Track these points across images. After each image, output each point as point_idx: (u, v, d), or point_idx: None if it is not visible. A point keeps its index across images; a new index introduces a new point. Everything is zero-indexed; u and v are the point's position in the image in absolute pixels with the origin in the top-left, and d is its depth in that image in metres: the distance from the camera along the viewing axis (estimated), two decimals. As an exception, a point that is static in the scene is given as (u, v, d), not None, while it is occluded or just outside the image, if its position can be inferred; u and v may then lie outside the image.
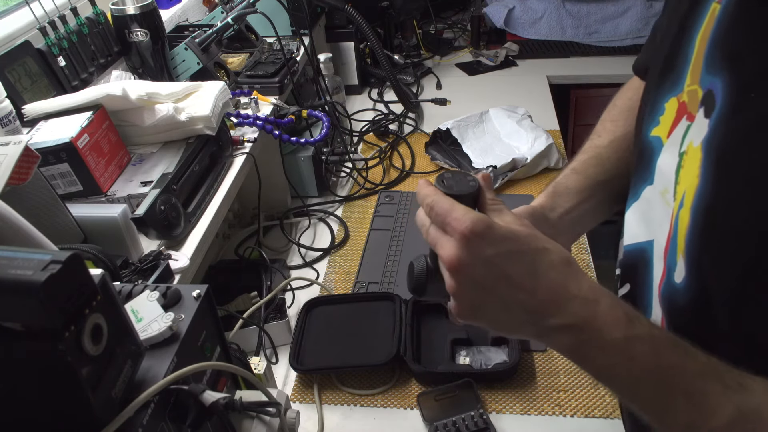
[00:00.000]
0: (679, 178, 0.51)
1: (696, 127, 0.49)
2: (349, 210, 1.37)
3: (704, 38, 0.50)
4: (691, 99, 0.51)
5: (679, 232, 0.49)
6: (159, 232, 0.82)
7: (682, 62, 0.53)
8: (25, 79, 0.98)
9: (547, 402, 0.89)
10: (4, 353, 0.34)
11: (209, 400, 0.44)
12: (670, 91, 0.55)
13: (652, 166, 0.56)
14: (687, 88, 0.52)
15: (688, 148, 0.50)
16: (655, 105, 0.57)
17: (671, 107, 0.54)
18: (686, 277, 0.48)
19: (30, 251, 0.33)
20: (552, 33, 2.03)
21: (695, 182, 0.47)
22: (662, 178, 0.54)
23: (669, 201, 0.52)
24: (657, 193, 0.55)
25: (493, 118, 1.55)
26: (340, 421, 0.90)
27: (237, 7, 1.32)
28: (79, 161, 0.82)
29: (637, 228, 0.59)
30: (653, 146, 0.56)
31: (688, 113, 0.51)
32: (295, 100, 1.39)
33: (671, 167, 0.52)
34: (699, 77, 0.50)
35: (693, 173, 0.48)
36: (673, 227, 0.51)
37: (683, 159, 0.51)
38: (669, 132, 0.54)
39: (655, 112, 0.56)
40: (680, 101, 0.53)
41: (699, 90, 0.50)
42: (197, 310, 0.48)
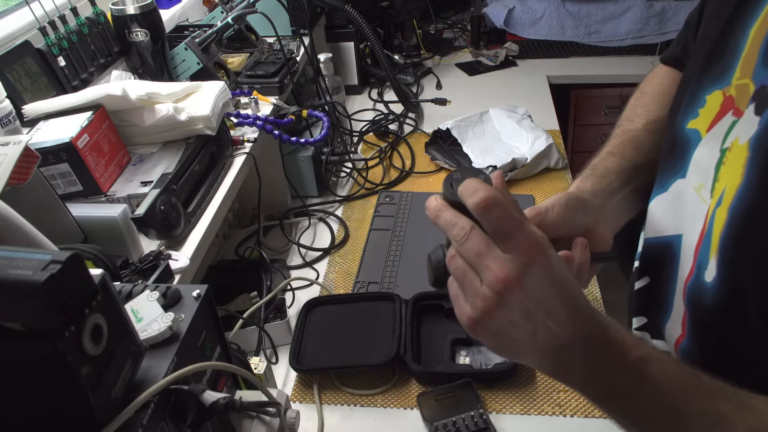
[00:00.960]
0: (719, 174, 0.49)
1: (744, 124, 0.47)
2: (349, 210, 1.37)
3: (761, 31, 0.48)
4: (740, 93, 0.49)
5: (714, 231, 0.48)
6: (159, 232, 0.82)
7: (732, 54, 0.51)
8: (25, 79, 0.98)
9: (547, 402, 0.89)
10: (4, 353, 0.34)
11: (209, 400, 0.44)
12: (715, 83, 0.52)
13: (686, 159, 0.54)
14: (736, 81, 0.50)
15: (733, 145, 0.48)
16: (696, 96, 0.54)
17: (714, 100, 0.52)
18: (717, 277, 0.47)
19: (30, 251, 0.33)
20: (552, 33, 2.03)
21: (738, 181, 0.46)
22: (698, 173, 0.52)
23: (705, 197, 0.50)
24: (690, 188, 0.53)
25: (493, 118, 1.55)
26: (340, 421, 0.90)
27: (237, 7, 1.32)
28: (79, 161, 0.82)
29: (662, 221, 0.57)
30: (689, 138, 0.54)
31: (736, 108, 0.49)
32: (295, 100, 1.39)
33: (710, 162, 0.50)
34: (752, 72, 0.48)
35: (736, 171, 0.46)
36: (707, 224, 0.49)
37: (725, 155, 0.49)
38: (710, 126, 0.52)
39: (695, 104, 0.54)
40: (726, 95, 0.51)
41: (751, 84, 0.48)
42: (197, 310, 0.48)
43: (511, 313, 0.41)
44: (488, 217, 0.41)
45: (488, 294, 0.41)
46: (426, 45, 2.01)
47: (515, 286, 0.40)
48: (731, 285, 0.46)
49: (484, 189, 0.41)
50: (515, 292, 0.40)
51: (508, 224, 0.41)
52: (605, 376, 0.43)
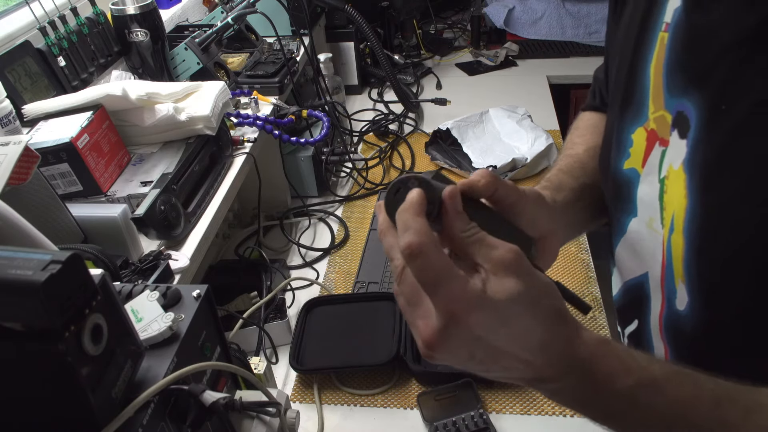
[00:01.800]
0: (664, 203, 0.51)
1: (673, 150, 0.49)
2: (349, 210, 1.37)
3: (658, 66, 0.52)
4: (659, 125, 0.52)
5: (675, 258, 0.48)
6: (159, 232, 0.82)
7: (641, 93, 0.54)
8: (25, 79, 0.98)
9: (547, 402, 0.89)
10: (4, 353, 0.34)
11: (209, 400, 0.44)
12: (635, 122, 0.55)
13: (632, 199, 0.56)
14: (652, 115, 0.53)
15: (669, 172, 0.50)
16: (622, 138, 0.57)
17: (639, 137, 0.55)
18: (690, 302, 0.47)
19: (30, 251, 0.33)
20: (552, 33, 2.03)
21: (683, 203, 0.47)
22: (646, 208, 0.54)
23: (657, 229, 0.52)
24: (643, 224, 0.54)
25: (493, 118, 1.55)
26: (340, 421, 0.90)
27: (237, 7, 1.32)
28: (79, 161, 0.82)
29: (630, 263, 0.58)
30: (629, 178, 0.56)
31: (660, 139, 0.52)
32: (295, 100, 1.39)
33: (653, 196, 0.52)
34: (663, 103, 0.51)
35: (679, 195, 0.47)
36: (666, 254, 0.50)
37: (665, 184, 0.51)
38: (643, 162, 0.54)
39: (624, 146, 0.57)
40: (648, 130, 0.53)
41: (667, 114, 0.51)
42: (197, 310, 0.48)
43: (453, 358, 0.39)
44: (411, 266, 0.37)
45: (421, 345, 0.39)
46: (426, 45, 2.01)
47: (439, 347, 0.38)
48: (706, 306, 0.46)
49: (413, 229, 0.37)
50: (443, 353, 0.38)
51: (431, 277, 0.37)
52: (594, 405, 0.42)
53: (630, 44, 0.56)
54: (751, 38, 0.42)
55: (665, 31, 0.51)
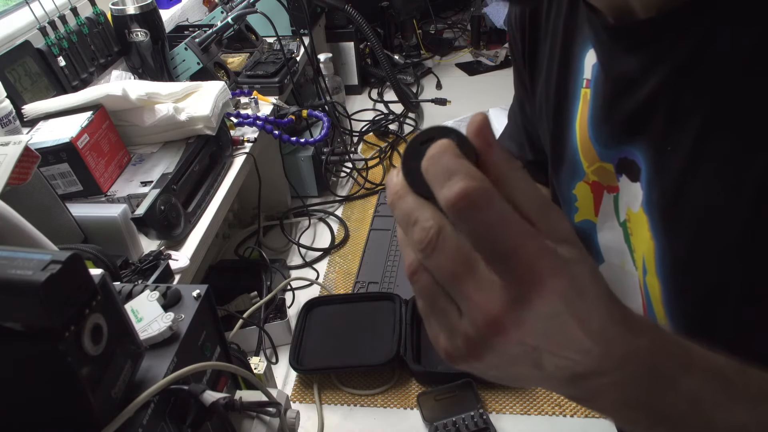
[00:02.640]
0: (633, 246, 0.50)
1: (626, 194, 0.49)
2: (349, 210, 1.37)
3: (583, 122, 0.52)
4: (601, 176, 0.52)
5: (653, 299, 0.48)
6: (159, 232, 0.82)
7: (570, 151, 0.54)
8: (25, 79, 0.98)
9: (547, 402, 0.89)
10: (4, 353, 0.34)
11: (209, 400, 0.44)
12: (573, 179, 0.55)
13: (594, 248, 0.55)
14: (589, 169, 0.53)
15: (629, 215, 0.49)
16: (564, 196, 0.57)
17: (582, 191, 0.55)
18: None
19: (30, 251, 0.33)
20: (552, 33, 2.03)
21: (651, 245, 0.46)
22: (614, 254, 0.53)
23: (631, 270, 0.51)
24: (616, 268, 0.54)
25: (493, 118, 1.55)
26: (340, 421, 0.90)
27: (237, 7, 1.32)
28: (79, 161, 0.82)
29: None
30: (585, 231, 0.56)
31: (607, 186, 0.52)
32: (295, 100, 1.39)
33: (618, 240, 0.52)
34: (597, 156, 0.51)
35: (645, 237, 0.47)
36: (644, 295, 0.50)
37: (627, 227, 0.50)
38: (596, 211, 0.54)
39: (569, 202, 0.57)
40: (589, 182, 0.53)
41: (606, 165, 0.50)
42: (197, 310, 0.48)
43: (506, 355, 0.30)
44: (472, 221, 0.27)
45: (471, 334, 0.29)
46: (426, 45, 2.01)
47: (511, 328, 0.28)
48: None
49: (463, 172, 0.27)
50: (511, 336, 0.28)
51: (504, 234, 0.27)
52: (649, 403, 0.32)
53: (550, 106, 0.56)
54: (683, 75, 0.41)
55: (587, 87, 0.51)
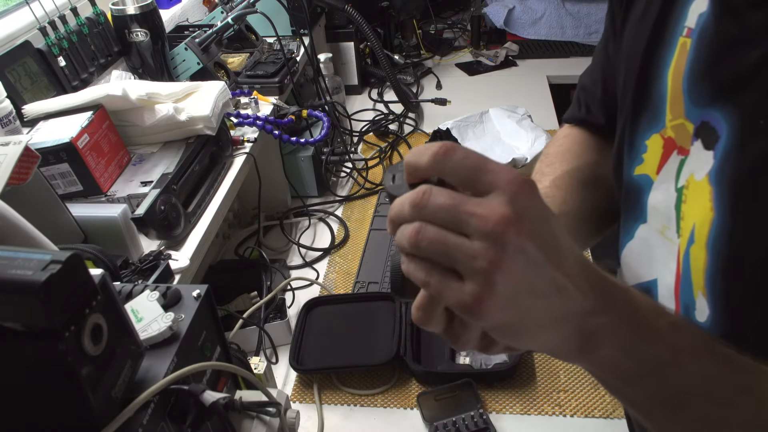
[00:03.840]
0: (682, 213, 0.49)
1: (695, 160, 0.48)
2: (349, 210, 1.37)
3: (678, 73, 0.49)
4: (678, 133, 0.50)
5: (694, 269, 0.47)
6: (159, 232, 0.82)
7: (657, 99, 0.52)
8: (25, 79, 0.98)
9: (547, 402, 0.89)
10: (4, 353, 0.34)
11: (209, 400, 0.44)
12: (650, 128, 0.53)
13: (641, 205, 0.54)
14: (670, 123, 0.51)
15: (689, 182, 0.48)
16: (635, 144, 0.55)
17: (655, 144, 0.53)
18: (712, 315, 0.46)
19: (30, 251, 0.33)
20: (552, 33, 2.03)
21: (708, 216, 0.45)
22: (658, 216, 0.52)
23: (671, 238, 0.50)
24: (654, 231, 0.53)
25: (493, 118, 1.55)
26: (340, 421, 0.90)
27: (237, 7, 1.32)
28: (79, 161, 0.82)
29: (637, 268, 0.57)
30: (640, 184, 0.55)
31: (679, 147, 0.50)
32: (295, 100, 1.39)
33: (668, 204, 0.51)
34: (683, 111, 0.49)
35: (703, 207, 0.45)
36: (682, 264, 0.49)
37: (683, 194, 0.49)
38: (658, 169, 0.52)
39: (636, 151, 0.55)
40: (665, 137, 0.52)
41: (687, 123, 0.49)
42: (197, 310, 0.48)
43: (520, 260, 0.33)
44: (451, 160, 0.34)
45: (486, 245, 0.32)
46: (426, 45, 2.01)
47: (513, 220, 0.32)
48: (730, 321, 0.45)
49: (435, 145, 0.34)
50: (516, 229, 0.32)
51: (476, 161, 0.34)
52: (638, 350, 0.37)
53: (640, 48, 0.54)
54: None
55: (687, 36, 0.48)
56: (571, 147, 0.71)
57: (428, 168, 0.34)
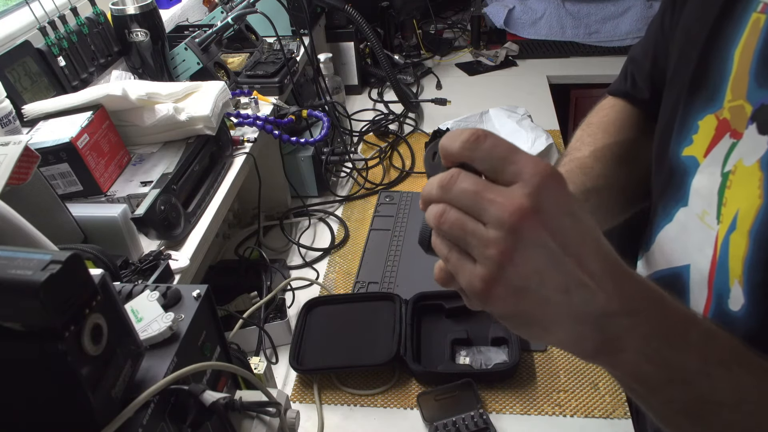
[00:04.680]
0: (725, 199, 0.47)
1: (746, 145, 0.46)
2: (349, 210, 1.37)
3: (747, 50, 0.47)
4: (735, 115, 0.47)
5: (733, 257, 0.46)
6: (159, 232, 0.82)
7: (718, 77, 0.49)
8: (25, 79, 0.98)
9: (547, 402, 0.89)
10: (4, 353, 0.34)
11: (209, 400, 0.44)
12: (705, 108, 0.51)
13: (685, 187, 0.52)
14: (728, 104, 0.48)
15: (737, 167, 0.46)
16: (686, 123, 0.53)
17: (708, 125, 0.50)
18: (747, 304, 0.45)
19: (30, 251, 0.33)
20: (552, 33, 2.03)
21: (756, 203, 0.43)
22: (700, 200, 0.51)
23: (710, 223, 0.49)
24: (693, 216, 0.51)
25: (493, 118, 1.55)
26: (340, 421, 0.90)
27: (237, 7, 1.32)
28: (79, 161, 0.82)
29: (671, 252, 0.55)
30: (686, 166, 0.53)
31: (733, 130, 0.48)
32: (295, 100, 1.39)
33: (712, 188, 0.49)
34: (746, 92, 0.47)
35: (751, 194, 0.44)
36: (720, 251, 0.47)
37: (729, 179, 0.47)
38: (706, 151, 0.50)
39: (687, 131, 0.53)
40: (720, 118, 0.49)
41: (747, 105, 0.46)
42: (197, 310, 0.48)
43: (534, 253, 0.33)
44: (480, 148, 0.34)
45: (499, 234, 0.33)
46: (426, 45, 2.01)
47: (531, 212, 0.32)
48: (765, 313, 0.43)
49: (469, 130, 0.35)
50: (532, 221, 0.33)
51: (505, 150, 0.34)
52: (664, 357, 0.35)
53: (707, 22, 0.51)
54: None
55: (762, 12, 0.46)
56: (615, 120, 0.69)
57: (458, 154, 0.35)
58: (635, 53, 0.71)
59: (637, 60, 0.70)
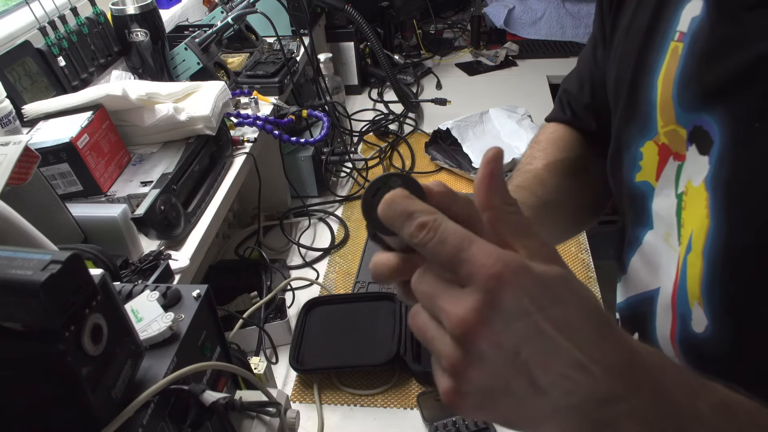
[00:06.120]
0: (682, 220, 0.48)
1: (691, 165, 0.47)
2: (349, 210, 1.37)
3: (668, 77, 0.49)
4: (672, 139, 0.49)
5: (690, 278, 0.45)
6: (159, 232, 0.82)
7: (647, 105, 0.51)
8: (25, 79, 0.98)
9: (547, 402, 0.89)
10: (4, 353, 0.34)
11: (209, 400, 0.44)
12: (642, 136, 0.53)
13: (647, 211, 0.53)
14: (662, 130, 0.50)
15: (687, 188, 0.47)
16: (630, 151, 0.54)
17: (650, 151, 0.52)
18: (711, 326, 0.44)
19: (30, 251, 0.33)
20: (552, 33, 2.03)
21: (705, 224, 0.44)
22: (662, 222, 0.51)
23: (674, 245, 0.49)
24: (660, 238, 0.52)
25: (493, 118, 1.55)
26: (340, 421, 0.90)
27: (237, 7, 1.32)
28: (79, 161, 0.82)
29: (645, 276, 0.56)
30: (643, 191, 0.54)
31: (675, 153, 0.49)
32: (295, 100, 1.39)
33: (670, 210, 0.50)
34: (674, 117, 0.48)
35: (700, 214, 0.44)
36: (680, 273, 0.47)
37: (683, 200, 0.48)
38: (657, 175, 0.52)
39: (634, 159, 0.54)
40: (659, 144, 0.51)
41: (680, 129, 0.48)
42: (197, 310, 0.48)
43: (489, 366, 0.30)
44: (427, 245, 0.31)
45: (450, 347, 0.31)
46: (426, 45, 2.01)
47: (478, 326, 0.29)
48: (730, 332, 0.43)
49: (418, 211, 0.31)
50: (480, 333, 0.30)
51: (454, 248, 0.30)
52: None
53: (632, 54, 0.53)
54: None
55: (679, 40, 0.48)
56: (563, 136, 0.70)
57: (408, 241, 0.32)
58: (569, 86, 0.72)
59: (573, 93, 0.71)
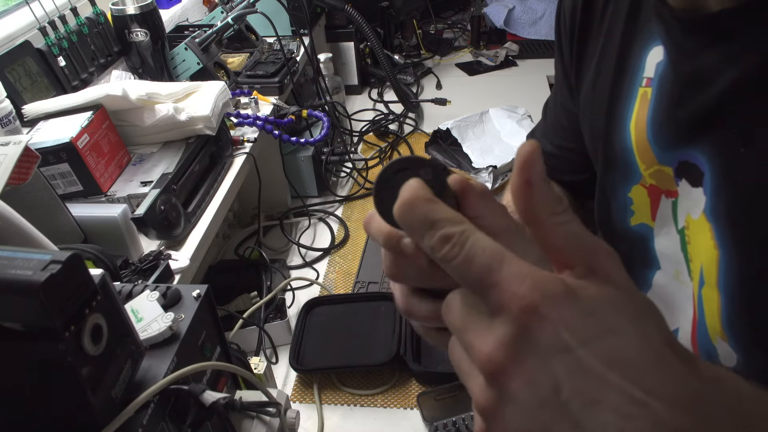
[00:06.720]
0: (689, 255, 0.48)
1: (686, 200, 0.47)
2: (349, 210, 1.37)
3: (640, 122, 0.50)
4: (659, 179, 0.50)
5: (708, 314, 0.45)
6: (159, 232, 0.82)
7: (624, 152, 0.52)
8: (25, 79, 0.98)
9: (547, 402, 0.89)
10: (4, 353, 0.34)
11: (209, 400, 0.44)
12: (627, 182, 0.53)
13: (651, 252, 0.53)
14: (646, 172, 0.51)
15: (688, 222, 0.47)
16: (618, 198, 0.55)
17: (639, 194, 0.53)
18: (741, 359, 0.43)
19: (30, 251, 0.33)
20: (552, 33, 2.02)
21: (714, 255, 0.43)
22: (669, 261, 0.51)
23: (685, 281, 0.49)
24: (670, 277, 0.52)
25: (493, 118, 1.55)
26: (340, 421, 0.90)
27: (237, 7, 1.32)
28: (79, 161, 0.82)
29: None
30: (641, 233, 0.54)
31: (666, 191, 0.49)
32: (295, 100, 1.39)
33: (674, 248, 0.50)
34: (655, 158, 0.49)
35: (707, 246, 0.44)
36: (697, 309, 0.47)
37: (686, 235, 0.48)
38: (652, 216, 0.52)
39: (623, 205, 0.55)
40: (646, 186, 0.51)
41: (664, 168, 0.48)
42: (197, 310, 0.48)
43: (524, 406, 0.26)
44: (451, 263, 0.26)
45: (481, 386, 0.27)
46: (426, 45, 2.01)
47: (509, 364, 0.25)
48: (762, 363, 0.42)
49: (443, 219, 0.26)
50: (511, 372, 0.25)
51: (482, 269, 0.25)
52: None
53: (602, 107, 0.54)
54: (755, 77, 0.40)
55: (647, 86, 0.49)
56: None
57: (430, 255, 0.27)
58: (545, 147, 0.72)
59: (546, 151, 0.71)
